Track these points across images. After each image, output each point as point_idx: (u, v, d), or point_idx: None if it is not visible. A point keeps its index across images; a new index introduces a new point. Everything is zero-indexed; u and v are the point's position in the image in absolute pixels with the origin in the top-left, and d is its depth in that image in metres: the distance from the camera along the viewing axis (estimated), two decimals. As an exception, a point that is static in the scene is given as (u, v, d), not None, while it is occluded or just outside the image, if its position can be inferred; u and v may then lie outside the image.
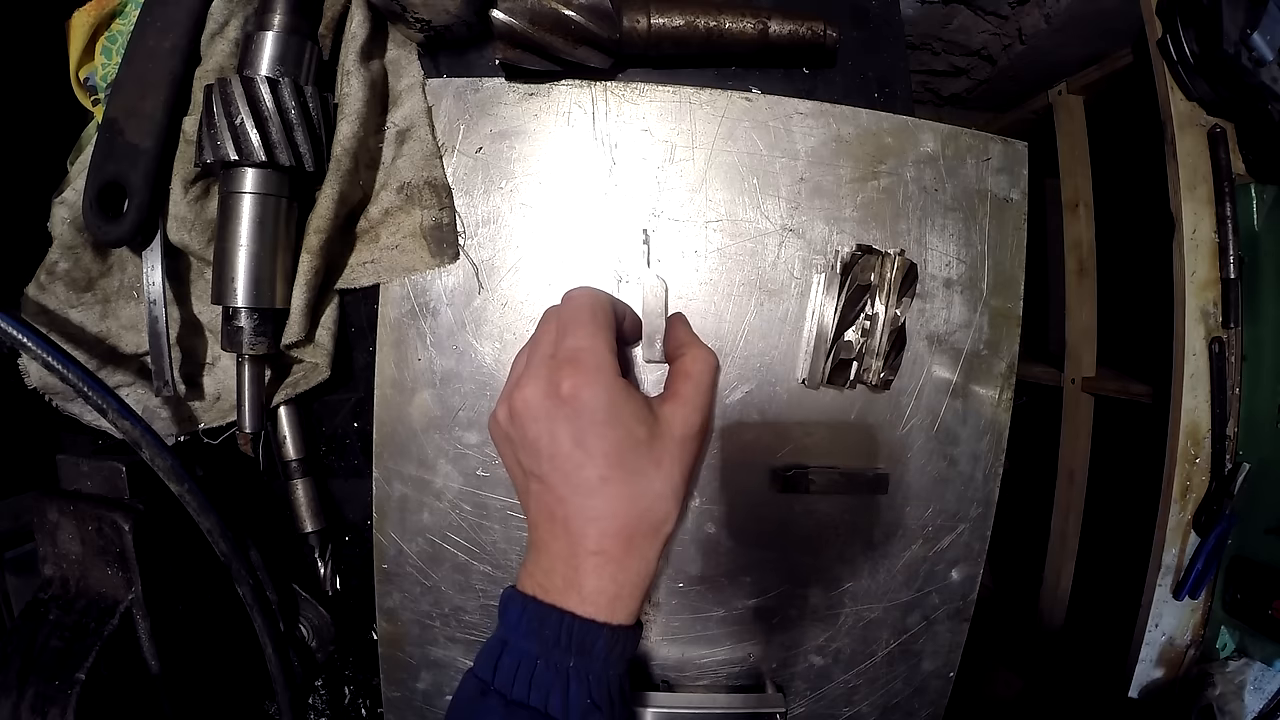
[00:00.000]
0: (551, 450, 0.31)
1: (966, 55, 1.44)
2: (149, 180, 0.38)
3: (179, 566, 0.40)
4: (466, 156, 0.42)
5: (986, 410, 0.46)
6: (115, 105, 0.38)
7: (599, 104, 0.42)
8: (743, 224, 0.43)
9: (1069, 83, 1.12)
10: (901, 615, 0.46)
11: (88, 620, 0.37)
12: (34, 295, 0.41)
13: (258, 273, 0.38)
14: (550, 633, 0.30)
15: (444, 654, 0.44)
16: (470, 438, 0.42)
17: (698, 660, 0.45)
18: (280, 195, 0.39)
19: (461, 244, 0.42)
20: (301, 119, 0.38)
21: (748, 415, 0.43)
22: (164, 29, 0.39)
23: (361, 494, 0.45)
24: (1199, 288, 0.71)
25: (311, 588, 0.46)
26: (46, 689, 0.35)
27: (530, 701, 0.29)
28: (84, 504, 0.38)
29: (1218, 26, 0.63)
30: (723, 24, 0.42)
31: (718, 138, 0.43)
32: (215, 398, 0.44)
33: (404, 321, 0.42)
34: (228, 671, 0.43)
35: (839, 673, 0.46)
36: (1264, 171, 0.70)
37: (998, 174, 0.45)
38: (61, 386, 0.40)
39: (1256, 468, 0.68)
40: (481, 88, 0.42)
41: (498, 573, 0.43)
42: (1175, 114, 0.73)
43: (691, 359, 0.37)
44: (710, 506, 0.44)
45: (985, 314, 0.45)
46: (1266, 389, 0.69)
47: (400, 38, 0.43)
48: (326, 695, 0.49)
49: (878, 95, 0.48)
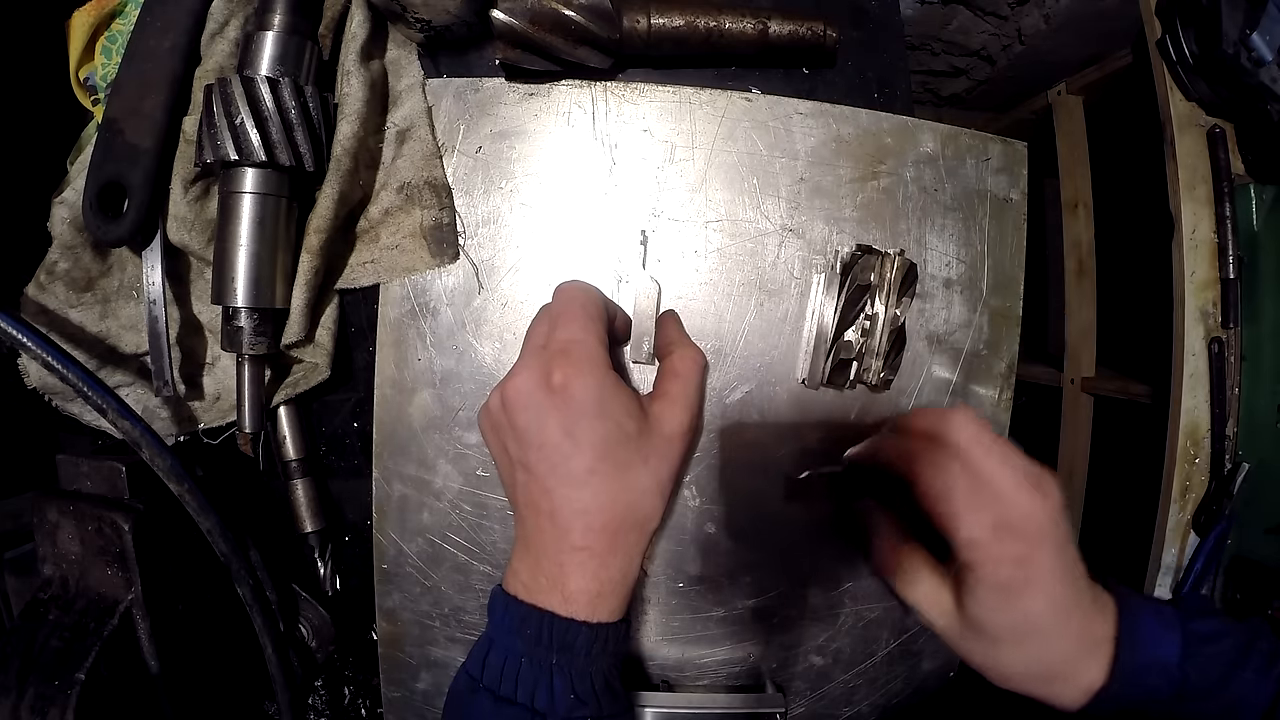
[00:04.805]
0: (540, 440, 0.31)
1: (966, 55, 1.44)
2: (149, 180, 0.38)
3: (179, 566, 0.40)
4: (466, 156, 0.42)
5: (986, 410, 0.46)
6: (115, 105, 0.38)
7: (599, 104, 0.42)
8: (742, 224, 0.43)
9: (1068, 83, 1.12)
10: (901, 615, 0.46)
11: (87, 620, 0.37)
12: (34, 295, 0.41)
13: (258, 273, 0.38)
14: (532, 631, 0.31)
15: (444, 654, 0.44)
16: (470, 438, 0.42)
17: (698, 660, 0.45)
18: (280, 195, 0.39)
19: (461, 244, 0.42)
20: (301, 119, 0.38)
21: (748, 415, 0.43)
22: (164, 29, 0.39)
23: (361, 494, 0.45)
24: (1198, 288, 0.71)
25: (311, 588, 0.46)
26: (46, 689, 0.35)
27: (517, 698, 0.30)
28: (84, 504, 0.38)
29: (1217, 27, 0.63)
30: (723, 24, 0.42)
31: (718, 138, 0.43)
32: (215, 398, 0.44)
33: (404, 321, 0.42)
34: (228, 671, 0.43)
35: (839, 673, 0.46)
36: (1263, 172, 0.70)
37: (997, 174, 0.45)
38: (61, 386, 0.40)
39: (1256, 468, 0.68)
40: (481, 88, 0.42)
41: (497, 573, 0.43)
42: (1175, 114, 0.73)
43: (680, 358, 0.37)
44: (710, 506, 0.44)
45: (985, 314, 0.45)
46: (1266, 389, 0.69)
47: (400, 38, 0.43)
48: (326, 695, 0.49)
49: (877, 95, 0.48)
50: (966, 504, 0.31)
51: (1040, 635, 0.32)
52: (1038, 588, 0.31)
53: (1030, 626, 0.32)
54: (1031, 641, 0.32)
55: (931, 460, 0.32)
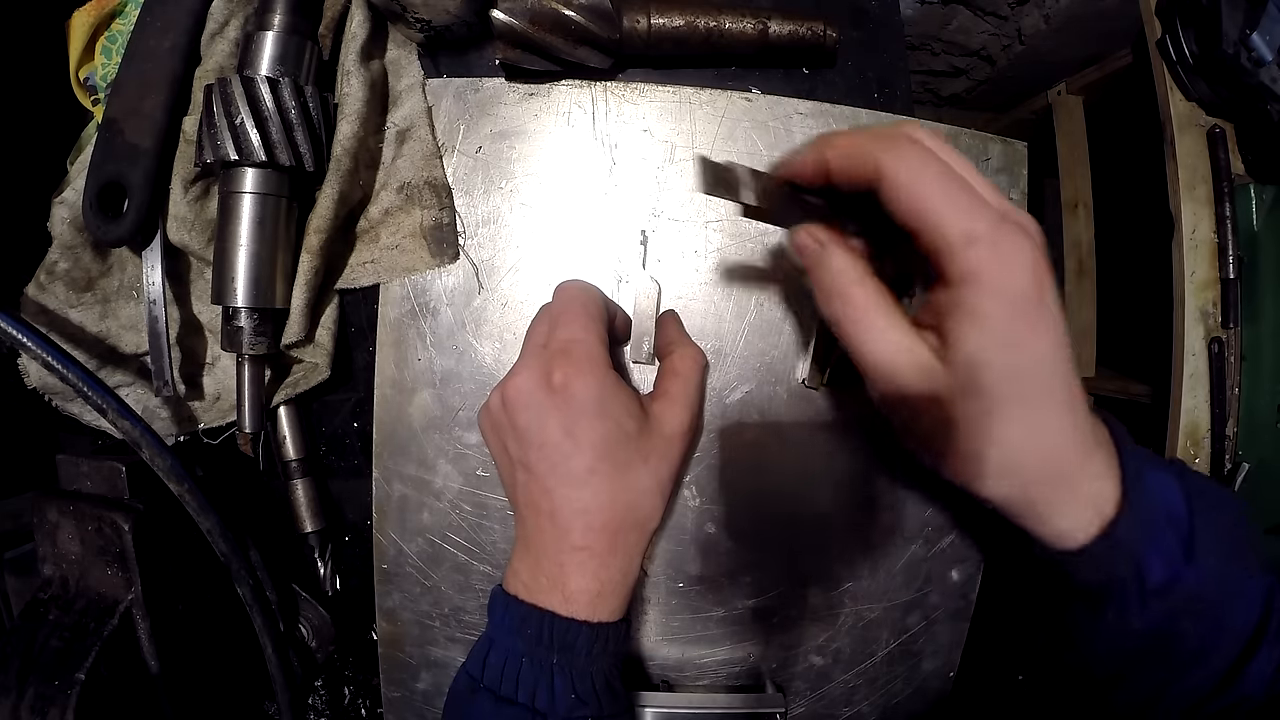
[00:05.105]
0: (540, 439, 0.31)
1: (966, 55, 1.44)
2: (149, 180, 0.38)
3: (179, 566, 0.40)
4: (466, 156, 0.42)
5: (986, 410, 0.46)
6: (115, 105, 0.38)
7: (599, 104, 0.42)
8: (743, 224, 0.43)
9: (1068, 83, 1.12)
10: (901, 615, 0.46)
11: (87, 620, 0.37)
12: (34, 295, 0.41)
13: (258, 273, 0.38)
14: (533, 631, 0.30)
15: (444, 654, 0.44)
16: (470, 438, 0.42)
17: (698, 660, 0.45)
18: (280, 195, 0.39)
19: (461, 244, 0.42)
20: (301, 119, 0.38)
21: (748, 415, 0.43)
22: (164, 29, 0.39)
23: (361, 494, 0.45)
24: (1198, 288, 0.71)
25: (311, 588, 0.46)
26: (46, 689, 0.35)
27: (518, 698, 0.30)
28: (84, 504, 0.38)
29: (1217, 27, 0.64)
30: (723, 24, 0.42)
31: (718, 138, 0.43)
32: (215, 398, 0.44)
33: (404, 321, 0.42)
34: (228, 671, 0.43)
35: (839, 673, 0.46)
36: (1263, 172, 0.70)
37: (997, 174, 0.45)
38: (61, 386, 0.40)
39: (1256, 468, 0.68)
40: (481, 88, 0.42)
41: (497, 573, 0.43)
42: (1175, 114, 0.73)
43: (680, 357, 0.37)
44: (710, 506, 0.44)
45: (985, 314, 0.45)
46: (1266, 389, 0.69)
47: (400, 38, 0.43)
48: (326, 695, 0.49)
49: (877, 95, 0.48)
50: (962, 196, 0.25)
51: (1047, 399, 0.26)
52: (1048, 322, 0.26)
53: (1039, 377, 0.26)
54: (1037, 406, 0.27)
55: (905, 152, 0.26)
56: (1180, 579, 0.29)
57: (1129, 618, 0.30)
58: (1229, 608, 0.30)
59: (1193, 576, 0.29)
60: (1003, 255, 0.25)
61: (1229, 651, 0.30)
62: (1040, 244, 0.27)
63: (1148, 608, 0.29)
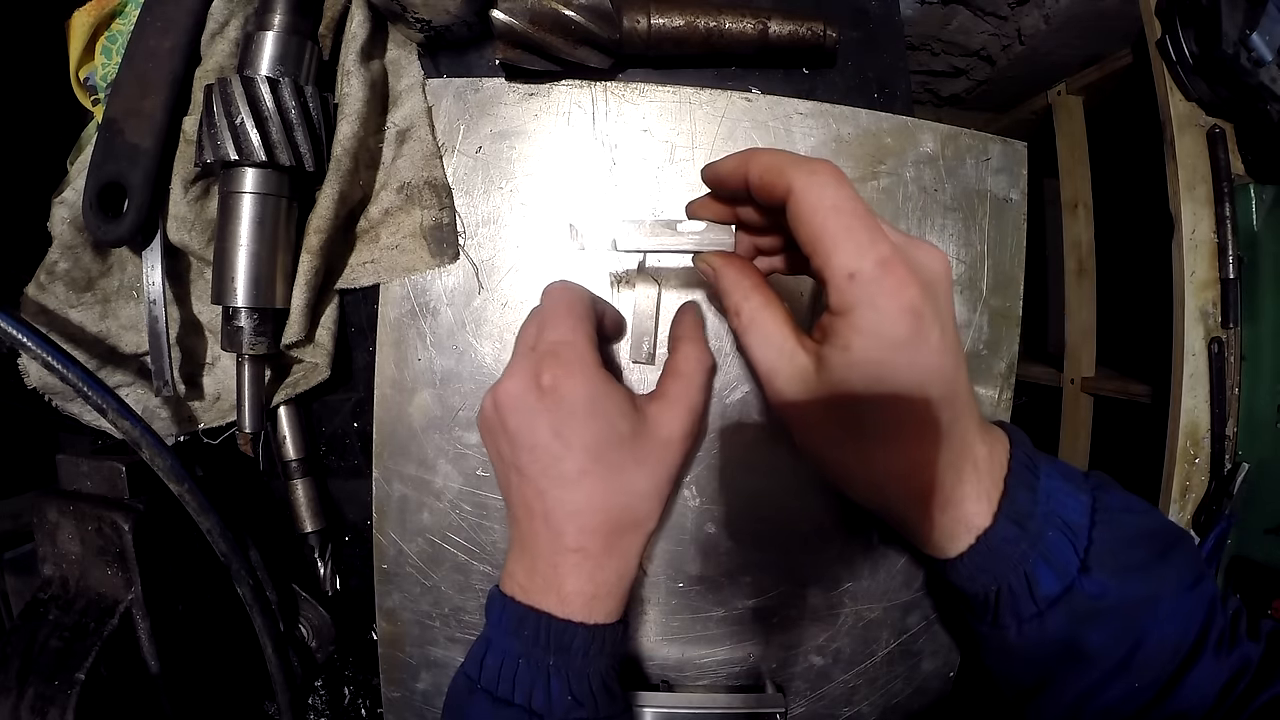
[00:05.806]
0: (531, 442, 0.31)
1: (966, 56, 1.44)
2: (149, 180, 0.38)
3: (179, 566, 0.40)
4: (466, 156, 0.42)
5: (986, 410, 0.46)
6: (115, 105, 0.38)
7: (599, 104, 0.42)
8: (743, 224, 0.43)
9: (1068, 83, 1.12)
10: (901, 615, 0.46)
11: (87, 620, 0.37)
12: (34, 295, 0.41)
13: (258, 272, 0.38)
14: (529, 632, 0.31)
15: (444, 654, 0.44)
16: (470, 438, 0.42)
17: (698, 660, 0.45)
18: (280, 195, 0.39)
19: (461, 244, 0.42)
20: (301, 119, 0.38)
21: (747, 415, 0.43)
22: (164, 29, 0.39)
23: (361, 494, 0.45)
24: (1198, 288, 0.71)
25: (311, 588, 0.46)
26: (46, 689, 0.35)
27: (515, 699, 0.30)
28: (84, 504, 0.38)
29: (1217, 27, 0.64)
30: (723, 24, 0.42)
31: (718, 138, 0.43)
32: (215, 398, 0.44)
33: (404, 321, 0.42)
34: (228, 671, 0.43)
35: (839, 673, 0.46)
36: (1263, 172, 0.70)
37: (997, 174, 0.45)
38: (61, 386, 0.40)
39: (1256, 468, 0.68)
40: (481, 88, 0.42)
41: (497, 573, 0.43)
42: (1174, 114, 0.73)
43: (684, 357, 0.37)
44: (710, 506, 0.44)
45: (985, 314, 0.45)
46: (1266, 389, 0.69)
47: (400, 38, 0.43)
48: (326, 695, 0.49)
49: (877, 95, 0.48)
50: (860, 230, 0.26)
51: (910, 432, 0.28)
52: (922, 362, 0.26)
53: (902, 412, 0.27)
54: (898, 439, 0.28)
55: (819, 179, 0.27)
56: (1079, 589, 0.30)
57: (1027, 626, 0.30)
58: (1149, 619, 0.29)
59: (1093, 587, 0.29)
60: (878, 297, 0.26)
61: (1161, 664, 0.29)
62: (932, 281, 0.27)
63: (1047, 617, 0.30)
